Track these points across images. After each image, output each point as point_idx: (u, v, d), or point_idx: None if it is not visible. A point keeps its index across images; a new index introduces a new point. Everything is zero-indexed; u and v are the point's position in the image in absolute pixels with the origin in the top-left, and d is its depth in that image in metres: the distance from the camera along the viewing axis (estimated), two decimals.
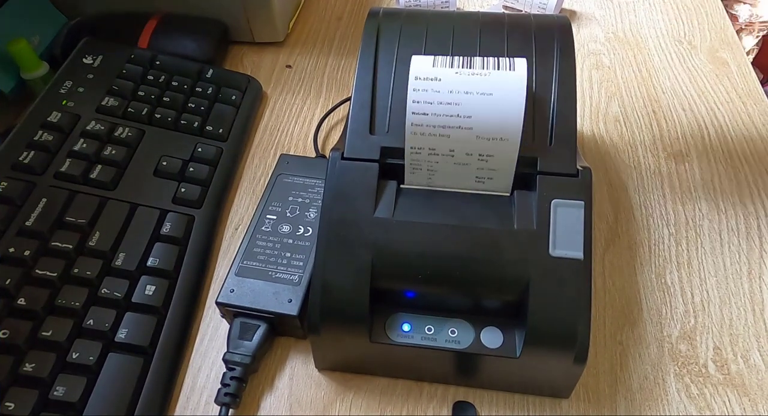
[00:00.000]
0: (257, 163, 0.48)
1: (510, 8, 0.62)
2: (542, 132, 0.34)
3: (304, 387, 0.36)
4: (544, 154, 0.33)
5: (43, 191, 0.40)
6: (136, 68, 0.49)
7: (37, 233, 0.38)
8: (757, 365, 0.36)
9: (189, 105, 0.48)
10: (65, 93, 0.46)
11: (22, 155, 0.41)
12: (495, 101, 0.32)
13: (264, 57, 0.57)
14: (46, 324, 0.34)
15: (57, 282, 0.36)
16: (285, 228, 0.39)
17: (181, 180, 0.43)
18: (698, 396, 0.35)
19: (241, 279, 0.37)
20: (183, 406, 0.35)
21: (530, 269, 0.31)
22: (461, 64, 0.33)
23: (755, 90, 0.53)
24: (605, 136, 0.50)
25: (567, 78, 0.35)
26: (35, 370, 0.33)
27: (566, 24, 0.37)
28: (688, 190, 0.46)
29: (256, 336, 0.35)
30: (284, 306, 0.35)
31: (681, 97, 0.53)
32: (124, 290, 0.37)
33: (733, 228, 0.43)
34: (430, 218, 0.33)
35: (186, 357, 0.37)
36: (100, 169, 0.42)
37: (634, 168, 0.47)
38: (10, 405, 0.32)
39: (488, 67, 0.32)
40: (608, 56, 0.57)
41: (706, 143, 0.49)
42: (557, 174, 0.33)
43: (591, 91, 0.54)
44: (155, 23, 0.53)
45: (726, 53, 0.57)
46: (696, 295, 0.40)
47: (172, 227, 0.40)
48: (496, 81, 0.32)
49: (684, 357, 0.37)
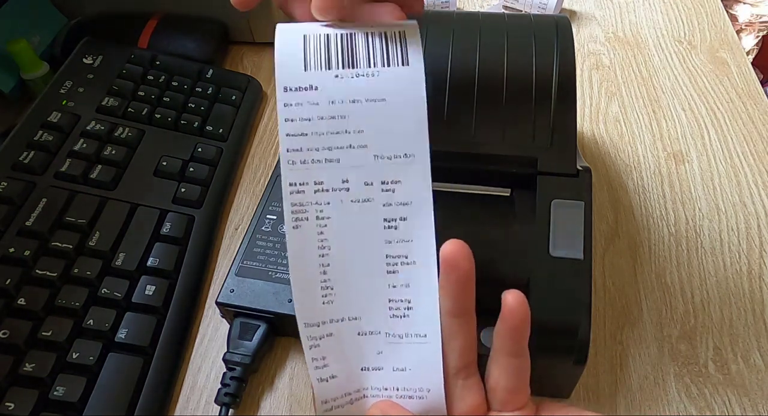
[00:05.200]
0: (257, 163, 0.48)
1: (510, 8, 0.62)
2: (542, 132, 0.34)
3: (304, 387, 0.36)
4: (544, 154, 0.33)
5: (43, 191, 0.40)
6: (136, 68, 0.49)
7: (37, 233, 0.38)
8: (757, 365, 0.36)
9: (189, 105, 0.48)
10: (65, 93, 0.46)
11: (22, 155, 0.41)
12: (390, 108, 0.25)
13: (264, 57, 0.57)
14: (46, 324, 0.34)
15: (57, 282, 0.36)
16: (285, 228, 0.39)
17: (181, 180, 0.43)
18: (698, 396, 0.35)
19: (241, 279, 0.37)
20: (183, 406, 0.35)
21: (530, 269, 0.31)
22: (341, 62, 0.26)
23: (755, 90, 0.53)
24: (605, 136, 0.50)
25: (567, 78, 0.35)
26: (35, 370, 0.33)
27: (566, 24, 0.37)
28: (688, 189, 0.46)
29: (256, 336, 0.35)
30: (284, 306, 0.35)
31: (681, 97, 0.53)
32: (124, 290, 0.37)
33: (733, 228, 0.43)
34: None
35: (186, 357, 0.37)
36: (100, 169, 0.42)
37: (634, 168, 0.47)
38: (10, 405, 0.32)
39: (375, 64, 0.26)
40: (608, 56, 0.57)
41: (706, 143, 0.49)
42: (557, 174, 0.33)
43: (591, 91, 0.54)
44: (155, 23, 0.53)
45: (726, 53, 0.57)
46: (696, 295, 0.40)
47: (172, 227, 0.40)
48: (386, 81, 0.25)
49: (684, 357, 0.37)
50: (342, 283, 0.26)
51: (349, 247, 0.26)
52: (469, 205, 0.34)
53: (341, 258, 0.26)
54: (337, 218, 0.26)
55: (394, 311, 0.26)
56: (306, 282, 0.26)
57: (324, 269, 0.26)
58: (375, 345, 0.26)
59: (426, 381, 0.26)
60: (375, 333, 0.26)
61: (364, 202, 0.26)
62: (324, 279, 0.26)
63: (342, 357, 0.26)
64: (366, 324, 0.26)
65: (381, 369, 0.26)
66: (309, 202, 0.25)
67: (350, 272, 0.26)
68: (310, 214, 0.25)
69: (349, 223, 0.26)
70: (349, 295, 0.26)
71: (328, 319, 0.26)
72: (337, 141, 0.25)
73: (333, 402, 0.26)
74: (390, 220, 0.26)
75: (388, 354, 0.26)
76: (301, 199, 0.25)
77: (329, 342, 0.26)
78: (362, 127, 0.25)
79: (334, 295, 0.26)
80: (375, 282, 0.26)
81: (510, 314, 0.25)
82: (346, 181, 0.25)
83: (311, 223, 0.26)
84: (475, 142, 0.34)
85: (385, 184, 0.26)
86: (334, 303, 0.26)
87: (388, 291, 0.26)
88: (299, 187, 0.25)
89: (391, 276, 0.26)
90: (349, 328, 0.26)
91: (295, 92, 0.25)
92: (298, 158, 0.25)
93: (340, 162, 0.25)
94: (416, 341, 0.26)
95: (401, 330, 0.26)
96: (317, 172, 0.25)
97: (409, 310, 0.26)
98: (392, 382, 0.26)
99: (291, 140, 0.25)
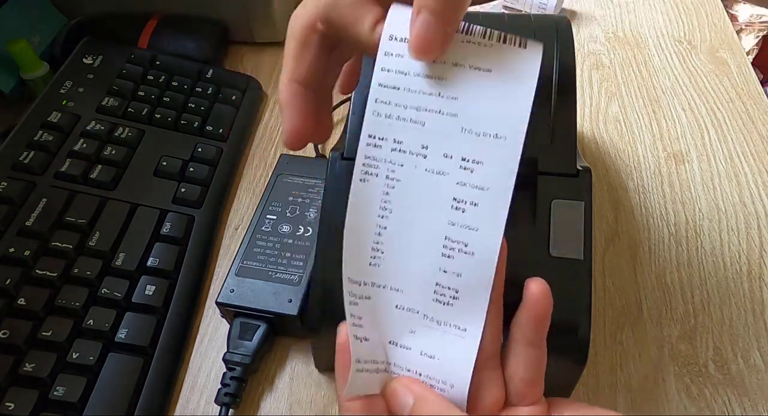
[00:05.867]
0: (257, 163, 0.48)
1: (510, 8, 0.62)
2: (542, 132, 0.34)
3: (304, 387, 0.36)
4: (544, 154, 0.33)
5: (43, 191, 0.40)
6: (136, 68, 0.49)
7: (37, 233, 0.38)
8: (757, 365, 0.36)
9: (189, 105, 0.48)
10: (65, 93, 0.46)
11: (22, 155, 0.41)
12: (494, 81, 0.23)
13: (264, 57, 0.57)
14: (46, 324, 0.34)
15: (57, 282, 0.36)
16: (285, 228, 0.39)
17: (181, 180, 0.43)
18: (698, 396, 0.35)
19: (241, 279, 0.37)
20: (183, 406, 0.35)
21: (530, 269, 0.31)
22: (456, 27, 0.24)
23: (755, 90, 0.53)
24: (605, 136, 0.50)
25: (567, 78, 0.35)
26: (35, 370, 0.33)
27: (566, 24, 0.37)
28: (688, 189, 0.46)
29: (256, 336, 0.35)
30: (284, 306, 0.35)
31: (681, 97, 0.53)
32: (124, 290, 0.37)
33: (733, 228, 0.43)
34: None
35: (186, 357, 0.37)
36: (100, 169, 0.42)
37: (634, 168, 0.47)
38: (10, 405, 0.32)
39: (492, 38, 0.24)
40: (608, 56, 0.57)
41: (706, 143, 0.49)
42: (557, 174, 0.33)
43: (591, 91, 0.54)
44: (155, 23, 0.53)
45: (726, 53, 0.57)
46: (696, 295, 0.40)
47: (172, 227, 0.40)
48: (499, 55, 0.24)
49: (684, 357, 0.37)
50: (393, 251, 0.25)
51: (409, 217, 0.24)
52: None
53: (399, 225, 0.25)
54: (407, 183, 0.24)
55: (439, 295, 0.25)
56: (358, 238, 0.24)
57: (379, 231, 0.25)
58: (409, 323, 0.25)
59: (452, 376, 0.25)
60: (413, 311, 0.25)
61: (438, 173, 0.24)
62: (377, 241, 0.25)
63: (375, 324, 0.25)
64: (406, 299, 0.25)
65: (409, 348, 0.25)
66: (384, 158, 0.24)
67: (404, 242, 0.25)
68: (380, 171, 0.24)
69: (416, 192, 0.24)
70: (397, 265, 0.25)
71: (371, 282, 0.25)
72: (428, 103, 0.24)
73: (364, 364, 0.25)
74: (460, 201, 0.24)
75: (420, 336, 0.25)
76: (376, 153, 0.24)
77: (367, 304, 0.25)
78: (458, 94, 0.24)
79: (382, 260, 0.25)
80: (427, 261, 0.25)
81: (534, 303, 0.24)
82: (426, 147, 0.24)
83: (380, 180, 0.24)
84: None
85: (465, 161, 0.24)
86: (380, 268, 0.25)
87: (437, 275, 0.25)
88: (378, 140, 0.24)
89: (445, 260, 0.24)
90: (388, 297, 0.25)
91: (399, 42, 0.24)
92: (384, 111, 0.24)
93: (425, 126, 0.24)
94: (453, 332, 0.25)
95: (441, 317, 0.25)
96: (400, 130, 0.24)
97: (454, 300, 0.25)
98: (417, 366, 0.25)
99: (381, 91, 0.24)
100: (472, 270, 0.24)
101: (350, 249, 0.24)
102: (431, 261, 0.25)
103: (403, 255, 0.25)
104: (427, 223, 0.24)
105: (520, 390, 0.25)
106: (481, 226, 0.24)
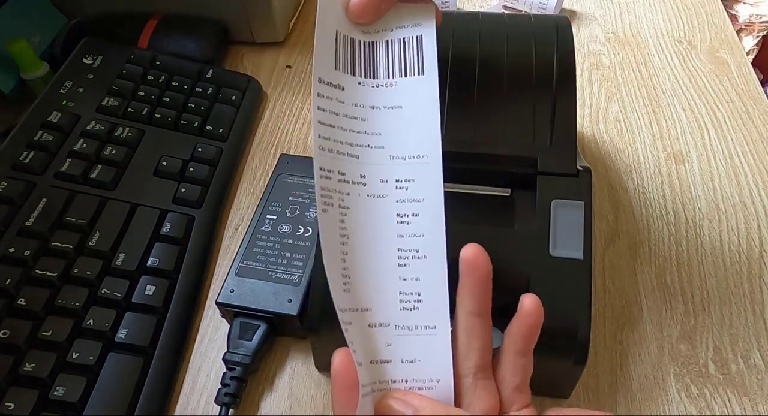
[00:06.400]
0: (257, 163, 0.48)
1: (510, 8, 0.62)
2: (542, 132, 0.34)
3: (304, 387, 0.36)
4: (544, 154, 0.33)
5: (43, 191, 0.40)
6: (136, 68, 0.49)
7: (37, 233, 0.38)
8: (757, 365, 0.36)
9: (189, 105, 0.48)
10: (65, 93, 0.46)
11: (22, 155, 0.41)
12: (406, 114, 0.28)
13: (264, 57, 0.57)
14: (46, 324, 0.34)
15: (57, 282, 0.36)
16: (285, 228, 0.39)
17: (181, 180, 0.43)
18: (698, 396, 0.35)
19: (241, 279, 0.37)
20: (183, 406, 0.35)
21: (530, 269, 0.31)
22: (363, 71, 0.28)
23: (755, 90, 0.53)
24: (605, 136, 0.50)
25: (567, 78, 0.35)
26: (35, 370, 0.33)
27: (566, 24, 0.37)
28: (688, 189, 0.46)
29: (256, 336, 0.35)
30: (284, 306, 0.35)
31: (681, 97, 0.53)
32: (124, 290, 0.37)
33: (733, 228, 0.43)
34: None
35: (186, 357, 0.37)
36: (100, 169, 0.42)
37: (634, 168, 0.47)
38: (10, 405, 0.32)
39: (394, 75, 0.28)
40: (608, 56, 0.57)
41: (706, 143, 0.49)
42: (557, 174, 0.33)
43: (591, 91, 0.54)
44: (155, 23, 0.53)
45: (726, 53, 0.57)
46: (696, 295, 0.40)
47: (172, 227, 0.40)
48: (404, 90, 0.28)
49: (684, 357, 0.37)
50: (357, 274, 0.27)
51: (363, 239, 0.27)
52: (469, 205, 0.34)
53: (357, 248, 0.27)
54: (354, 209, 0.27)
55: (404, 303, 0.27)
56: (332, 266, 0.26)
57: (344, 257, 0.26)
58: (384, 337, 0.27)
59: (435, 372, 0.26)
60: (384, 325, 0.27)
61: (379, 196, 0.27)
62: (344, 267, 0.26)
63: (359, 347, 0.26)
64: (377, 315, 0.27)
65: (389, 361, 0.26)
66: (334, 189, 0.27)
67: (364, 263, 0.27)
68: (334, 201, 0.26)
69: (364, 216, 0.27)
70: (364, 286, 0.27)
71: (347, 308, 0.26)
72: (357, 139, 0.27)
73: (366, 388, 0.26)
74: (402, 215, 0.27)
75: (396, 347, 0.27)
76: (328, 184, 0.26)
77: (353, 330, 0.26)
78: (380, 130, 0.27)
79: (351, 284, 0.26)
80: (386, 275, 0.27)
81: (527, 316, 0.26)
82: (364, 176, 0.27)
83: (335, 210, 0.26)
84: (475, 142, 0.34)
85: (399, 182, 0.27)
86: (350, 292, 0.26)
87: (398, 284, 0.27)
88: (327, 173, 0.26)
89: (402, 268, 0.27)
90: (363, 319, 0.26)
91: (326, 85, 0.27)
92: (327, 146, 0.27)
93: (359, 159, 0.27)
94: (425, 333, 0.27)
95: (411, 322, 0.27)
96: (341, 163, 0.27)
97: (419, 303, 0.27)
98: (401, 375, 0.26)
99: (322, 128, 0.27)
100: (428, 271, 0.27)
101: (331, 279, 0.26)
102: (390, 273, 0.27)
103: (366, 275, 0.27)
104: (380, 241, 0.27)
105: (510, 395, 0.27)
106: (425, 231, 0.27)
